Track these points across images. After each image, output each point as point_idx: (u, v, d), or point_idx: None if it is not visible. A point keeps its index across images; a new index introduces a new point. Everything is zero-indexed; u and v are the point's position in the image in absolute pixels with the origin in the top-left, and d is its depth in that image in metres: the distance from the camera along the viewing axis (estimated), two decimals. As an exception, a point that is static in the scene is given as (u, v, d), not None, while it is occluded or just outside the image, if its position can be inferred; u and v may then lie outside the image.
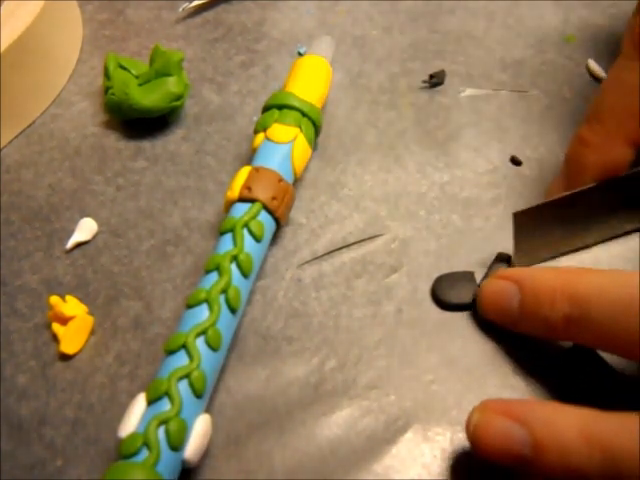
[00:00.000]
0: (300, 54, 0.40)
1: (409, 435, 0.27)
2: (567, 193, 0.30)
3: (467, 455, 0.27)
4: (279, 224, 0.31)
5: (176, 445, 0.24)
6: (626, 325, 0.24)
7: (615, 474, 0.22)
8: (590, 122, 0.30)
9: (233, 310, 0.28)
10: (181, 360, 0.26)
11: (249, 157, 0.33)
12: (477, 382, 0.28)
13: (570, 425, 0.23)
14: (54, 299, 0.30)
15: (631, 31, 0.29)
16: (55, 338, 0.30)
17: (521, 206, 0.29)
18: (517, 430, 0.23)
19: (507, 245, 0.31)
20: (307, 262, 0.32)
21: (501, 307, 0.28)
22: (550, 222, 0.30)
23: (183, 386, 0.25)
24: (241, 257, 0.29)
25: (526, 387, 0.28)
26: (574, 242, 0.31)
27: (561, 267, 0.29)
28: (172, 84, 0.36)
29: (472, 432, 0.24)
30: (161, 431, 0.24)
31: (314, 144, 0.34)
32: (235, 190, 0.30)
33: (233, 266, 0.28)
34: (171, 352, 0.26)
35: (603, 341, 0.25)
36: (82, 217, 0.34)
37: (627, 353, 0.25)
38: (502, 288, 0.28)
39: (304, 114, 0.33)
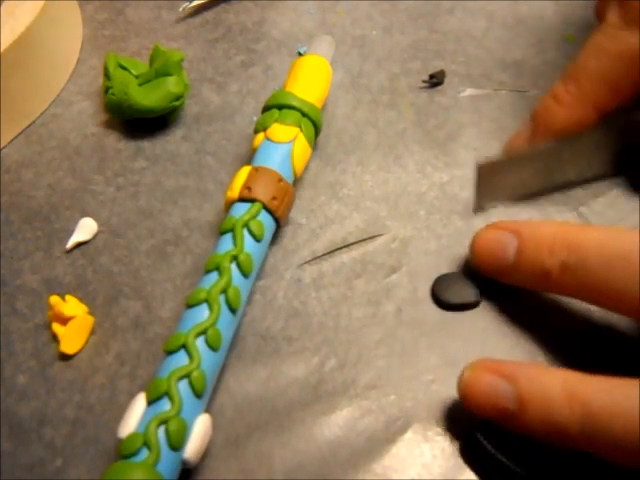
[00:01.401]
0: (300, 54, 0.40)
1: (409, 435, 0.27)
2: (532, 148, 0.32)
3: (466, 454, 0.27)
4: (279, 224, 0.31)
5: (176, 445, 0.24)
6: (622, 278, 0.25)
7: (593, 431, 0.23)
8: (566, 81, 0.31)
9: (233, 310, 0.28)
10: (181, 360, 0.26)
11: (249, 157, 0.33)
12: (477, 382, 0.28)
13: (554, 383, 0.24)
14: (54, 299, 0.30)
15: (618, 1, 0.30)
16: (55, 338, 0.30)
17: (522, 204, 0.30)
18: (504, 386, 0.25)
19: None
20: (307, 262, 0.32)
21: (495, 255, 0.29)
22: (511, 171, 0.33)
23: (183, 386, 0.25)
24: (241, 257, 0.29)
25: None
26: (535, 187, 0.33)
27: (561, 221, 0.32)
28: (172, 84, 0.36)
29: (462, 387, 0.26)
30: (161, 431, 0.24)
31: (314, 144, 0.34)
32: (235, 190, 0.30)
33: (233, 266, 0.28)
34: (171, 352, 0.26)
35: (595, 293, 0.26)
36: (82, 217, 0.34)
37: (618, 307, 0.26)
38: (498, 236, 0.29)
39: (304, 114, 0.33)
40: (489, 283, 0.30)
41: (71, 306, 0.30)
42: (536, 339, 0.29)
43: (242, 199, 0.30)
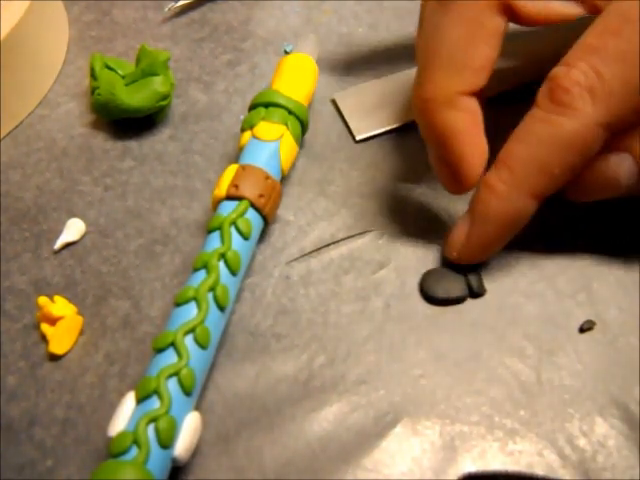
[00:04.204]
0: (286, 52, 0.41)
1: (398, 429, 0.27)
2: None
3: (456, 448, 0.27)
4: (267, 221, 0.31)
5: (166, 443, 0.24)
6: None
7: None
8: (499, 169, 0.28)
9: (221, 308, 0.28)
10: (170, 358, 0.26)
11: (236, 155, 0.33)
12: (465, 376, 0.28)
13: None
14: (42, 300, 0.30)
15: (547, 81, 0.27)
16: (44, 338, 0.30)
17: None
18: None
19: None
20: (295, 259, 0.32)
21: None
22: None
23: (172, 384, 0.25)
24: (229, 255, 0.29)
25: (514, 381, 0.28)
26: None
27: None
28: (158, 84, 0.36)
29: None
30: (151, 429, 0.24)
31: (301, 141, 0.34)
32: (222, 188, 0.31)
33: (221, 264, 0.28)
34: (160, 350, 0.26)
35: None
36: (70, 218, 0.34)
37: None
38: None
39: (290, 112, 0.33)
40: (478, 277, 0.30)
41: (60, 306, 0.30)
42: (524, 332, 0.29)
43: (229, 197, 0.30)
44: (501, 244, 0.30)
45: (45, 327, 0.30)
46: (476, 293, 0.30)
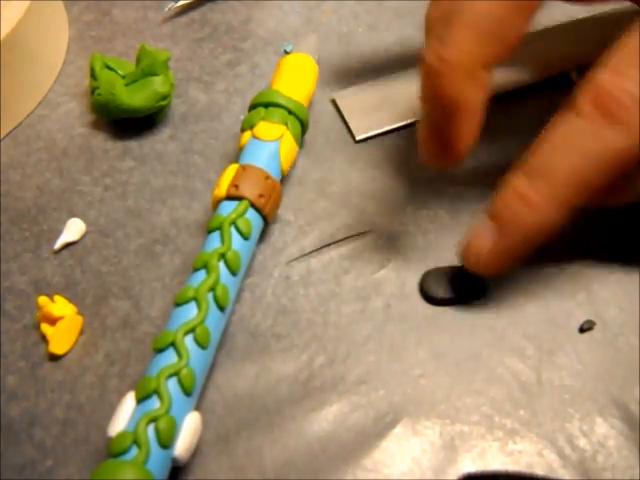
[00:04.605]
0: (286, 52, 0.41)
1: (398, 429, 0.27)
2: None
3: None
4: (267, 222, 0.31)
5: (166, 443, 0.24)
6: None
7: None
8: (532, 177, 0.26)
9: (221, 308, 0.28)
10: (170, 358, 0.26)
11: (236, 155, 0.33)
12: (465, 376, 0.28)
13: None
14: (43, 299, 0.30)
15: (592, 87, 0.25)
16: (44, 338, 0.30)
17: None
18: None
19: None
20: (295, 259, 0.32)
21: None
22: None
23: (172, 384, 0.25)
24: (229, 255, 0.29)
25: (514, 381, 0.28)
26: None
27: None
28: (158, 84, 0.36)
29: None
30: (151, 429, 0.24)
31: (301, 141, 0.34)
32: (222, 188, 0.31)
33: (221, 264, 0.28)
34: (160, 350, 0.26)
35: None
36: (70, 217, 0.34)
37: None
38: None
39: (290, 112, 0.33)
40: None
41: (60, 306, 0.30)
42: (524, 332, 0.29)
43: (229, 197, 0.30)
44: (526, 255, 0.28)
45: (45, 327, 0.30)
46: (476, 293, 0.30)
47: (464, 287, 0.30)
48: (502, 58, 0.27)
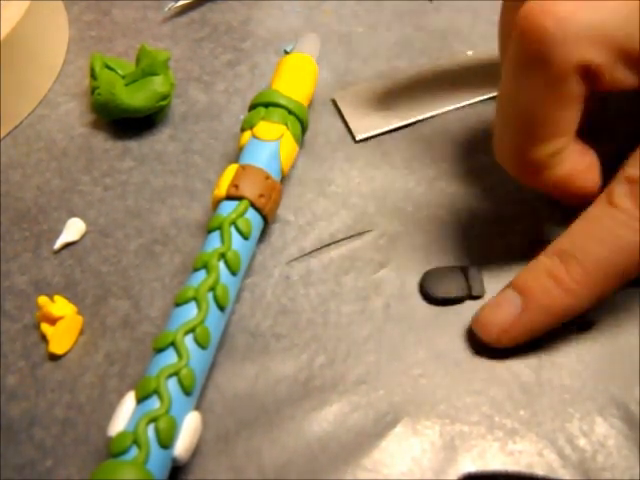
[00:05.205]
0: (286, 52, 0.41)
1: (398, 429, 0.27)
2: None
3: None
4: (267, 221, 0.31)
5: (166, 443, 0.24)
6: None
7: None
8: (568, 263, 0.26)
9: (221, 308, 0.28)
10: (170, 358, 0.26)
11: (236, 155, 0.33)
12: (465, 376, 0.28)
13: None
14: (42, 299, 0.30)
15: (627, 180, 0.26)
16: (44, 338, 0.30)
17: (510, 201, 0.30)
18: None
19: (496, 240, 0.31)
20: (295, 259, 0.32)
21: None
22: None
23: (172, 384, 0.25)
24: (229, 255, 0.29)
25: (514, 381, 0.28)
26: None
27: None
28: (158, 84, 0.36)
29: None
30: (151, 429, 0.24)
31: (301, 141, 0.34)
32: (222, 188, 0.31)
33: (221, 264, 0.28)
34: (160, 350, 0.26)
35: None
36: (70, 217, 0.34)
37: None
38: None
39: (290, 112, 0.33)
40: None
41: (60, 306, 0.30)
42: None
43: (229, 197, 0.30)
44: (547, 331, 0.28)
45: (45, 327, 0.30)
46: (476, 294, 0.30)
47: (464, 287, 0.30)
48: (566, 142, 0.27)
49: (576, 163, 0.28)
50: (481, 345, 0.29)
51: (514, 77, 0.26)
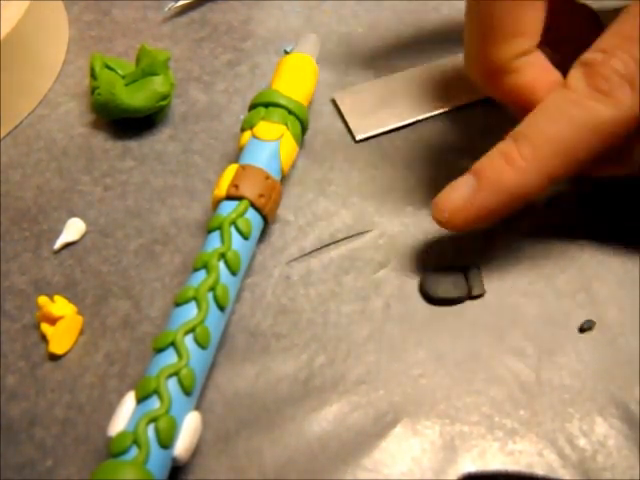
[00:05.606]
0: (286, 52, 0.41)
1: (398, 429, 0.27)
2: None
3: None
4: (267, 221, 0.31)
5: (166, 443, 0.24)
6: None
7: None
8: (519, 142, 0.27)
9: (221, 308, 0.28)
10: (170, 358, 0.26)
11: (236, 155, 0.33)
12: (465, 376, 0.28)
13: None
14: (42, 299, 0.30)
15: (584, 65, 0.27)
16: (44, 338, 0.30)
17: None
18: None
19: (496, 240, 0.31)
20: (295, 259, 0.32)
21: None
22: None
23: (172, 384, 0.25)
24: (229, 255, 0.29)
25: (514, 381, 0.28)
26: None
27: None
28: (158, 83, 0.36)
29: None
30: (151, 429, 0.24)
31: (301, 141, 0.34)
32: (222, 188, 0.31)
33: (221, 264, 0.28)
34: (160, 350, 0.26)
35: None
36: (70, 217, 0.34)
37: None
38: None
39: (290, 112, 0.33)
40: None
41: (60, 306, 0.30)
42: (524, 332, 0.29)
43: (229, 197, 0.30)
44: (498, 218, 0.29)
45: (45, 327, 0.30)
46: (476, 294, 0.30)
47: (464, 287, 0.30)
48: (532, 44, 0.29)
49: (538, 74, 0.29)
50: (482, 345, 0.29)
51: None
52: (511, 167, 0.27)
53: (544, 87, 0.29)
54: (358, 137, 0.36)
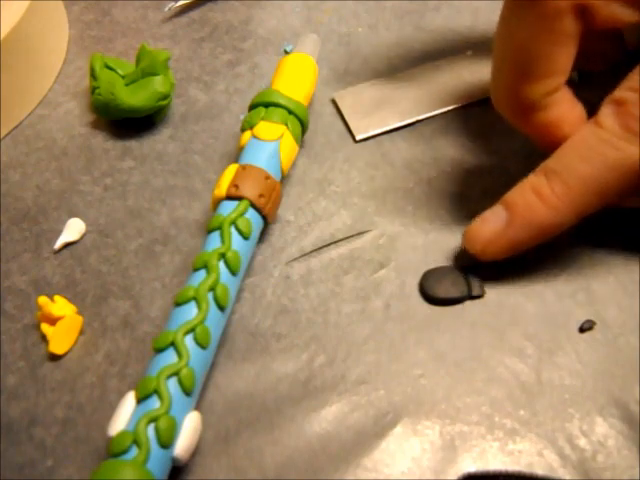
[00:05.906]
0: (286, 52, 0.41)
1: (398, 429, 0.27)
2: None
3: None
4: (267, 221, 0.31)
5: (166, 443, 0.24)
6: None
7: None
8: (551, 179, 0.27)
9: (221, 308, 0.28)
10: (170, 358, 0.26)
11: (236, 155, 0.33)
12: (465, 376, 0.28)
13: None
14: (43, 299, 0.30)
15: (614, 103, 0.27)
16: (44, 338, 0.30)
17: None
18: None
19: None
20: (295, 259, 0.32)
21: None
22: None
23: (172, 384, 0.25)
24: (229, 255, 0.29)
25: (514, 381, 0.28)
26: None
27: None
28: (158, 83, 0.36)
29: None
30: (151, 429, 0.24)
31: (301, 141, 0.34)
32: (222, 188, 0.31)
33: (221, 264, 0.28)
34: (160, 350, 0.26)
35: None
36: (70, 217, 0.34)
37: None
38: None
39: (290, 112, 0.33)
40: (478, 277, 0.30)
41: (60, 306, 0.30)
42: (524, 332, 0.29)
43: (229, 197, 0.30)
44: (527, 249, 0.29)
45: (45, 327, 0.30)
46: (476, 294, 0.30)
47: (464, 287, 0.30)
48: (560, 82, 0.29)
49: (566, 110, 0.29)
50: (482, 345, 0.29)
51: (510, 14, 0.28)
52: (543, 204, 0.27)
53: (571, 122, 0.29)
54: (358, 137, 0.36)
